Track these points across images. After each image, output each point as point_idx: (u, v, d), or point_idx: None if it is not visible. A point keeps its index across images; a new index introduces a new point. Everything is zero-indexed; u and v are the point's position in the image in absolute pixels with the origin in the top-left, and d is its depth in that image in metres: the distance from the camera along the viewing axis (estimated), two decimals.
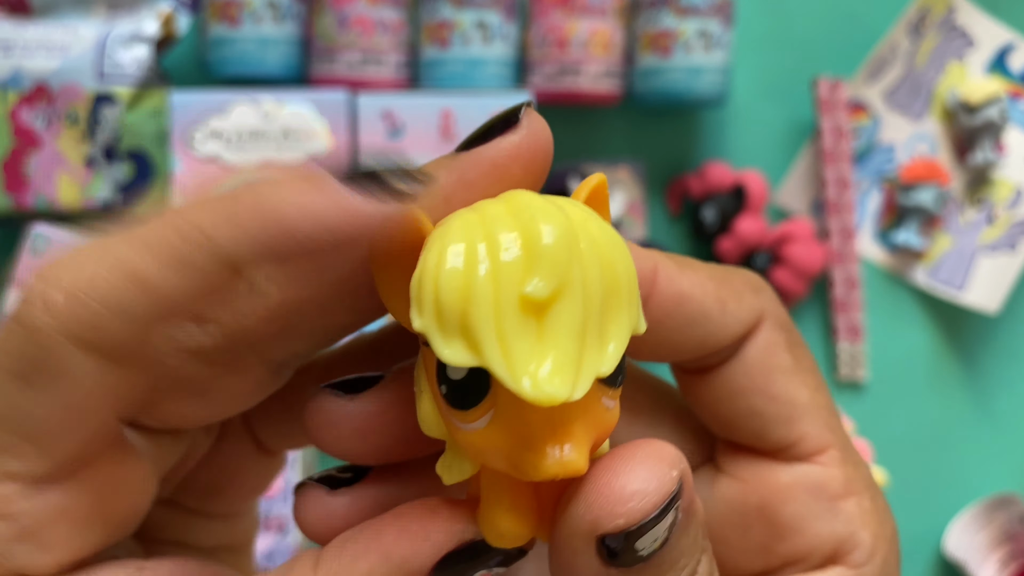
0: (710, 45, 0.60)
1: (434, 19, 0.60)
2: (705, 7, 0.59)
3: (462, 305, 0.13)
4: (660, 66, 0.60)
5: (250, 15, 0.59)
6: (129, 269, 0.14)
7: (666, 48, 0.60)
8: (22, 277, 0.59)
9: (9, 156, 0.60)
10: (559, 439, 0.13)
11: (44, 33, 0.60)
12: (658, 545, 0.14)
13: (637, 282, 0.15)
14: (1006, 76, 0.68)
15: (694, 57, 0.60)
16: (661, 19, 0.60)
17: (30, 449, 0.15)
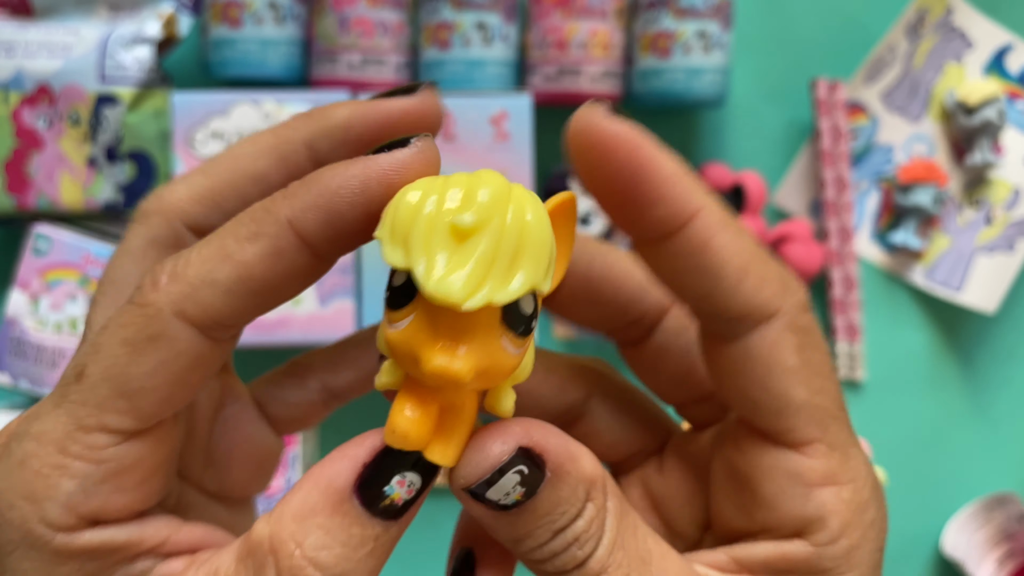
0: (709, 46, 0.60)
1: (434, 20, 0.60)
2: (704, 8, 0.60)
3: (407, 225, 0.17)
4: (659, 67, 0.60)
5: (251, 16, 0.59)
6: (222, 251, 0.18)
7: (665, 49, 0.60)
8: (25, 277, 0.59)
9: (11, 156, 0.60)
10: (451, 347, 0.17)
11: (46, 34, 0.60)
12: (518, 496, 0.18)
13: (552, 258, 0.18)
14: (1004, 77, 0.68)
15: (693, 58, 0.60)
16: (660, 20, 0.60)
17: (126, 406, 0.18)
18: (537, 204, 0.17)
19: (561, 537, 0.19)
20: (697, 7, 0.60)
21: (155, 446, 0.19)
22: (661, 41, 0.60)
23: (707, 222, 0.19)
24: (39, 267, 0.59)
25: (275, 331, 0.56)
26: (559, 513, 0.18)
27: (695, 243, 0.19)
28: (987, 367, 0.70)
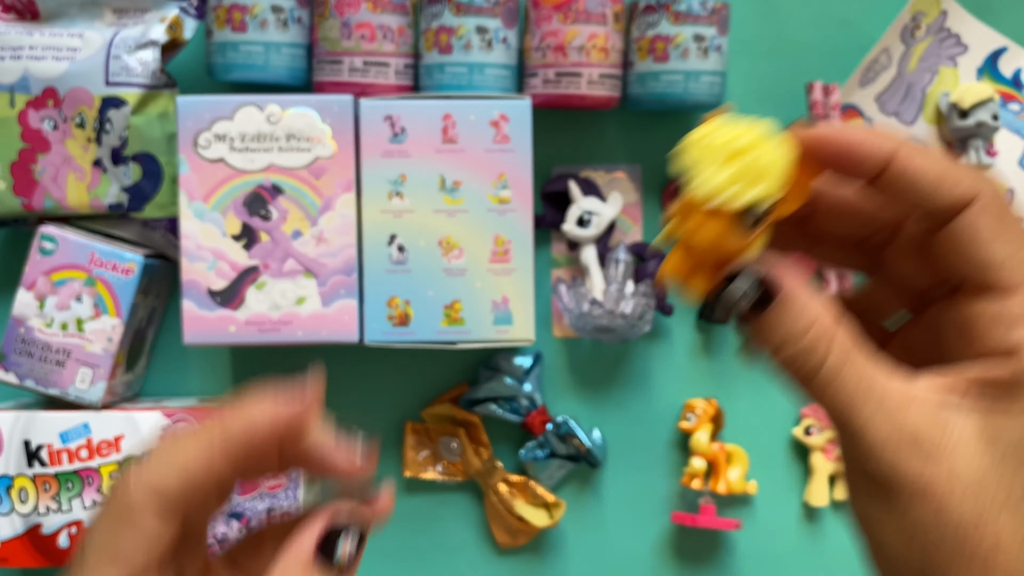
0: (706, 50, 0.61)
1: (435, 25, 0.61)
2: (701, 13, 0.60)
3: (699, 155, 0.27)
4: (657, 71, 0.61)
5: (255, 20, 0.60)
6: (178, 461, 0.28)
7: (663, 53, 0.61)
8: (31, 277, 0.60)
9: (18, 159, 0.61)
10: (699, 225, 0.28)
11: (52, 37, 0.61)
12: (746, 306, 0.28)
13: (783, 179, 0.27)
14: (997, 80, 0.69)
15: (690, 62, 0.61)
16: (658, 24, 0.61)
17: (113, 570, 0.27)
18: (784, 146, 0.27)
19: (789, 348, 0.27)
20: (694, 11, 0.60)
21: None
22: (659, 45, 0.61)
23: (904, 154, 0.27)
24: (45, 267, 0.60)
25: (280, 330, 0.57)
26: (785, 330, 0.27)
27: (898, 172, 0.27)
28: None
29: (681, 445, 0.69)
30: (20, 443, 0.60)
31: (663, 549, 0.69)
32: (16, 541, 0.60)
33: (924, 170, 0.27)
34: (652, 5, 0.61)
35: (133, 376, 0.65)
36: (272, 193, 0.57)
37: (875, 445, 0.26)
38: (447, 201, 0.58)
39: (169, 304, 0.67)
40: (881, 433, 0.26)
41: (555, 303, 0.67)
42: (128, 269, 0.60)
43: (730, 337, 0.68)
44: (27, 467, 0.60)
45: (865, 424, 0.26)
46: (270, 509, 0.60)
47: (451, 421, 0.67)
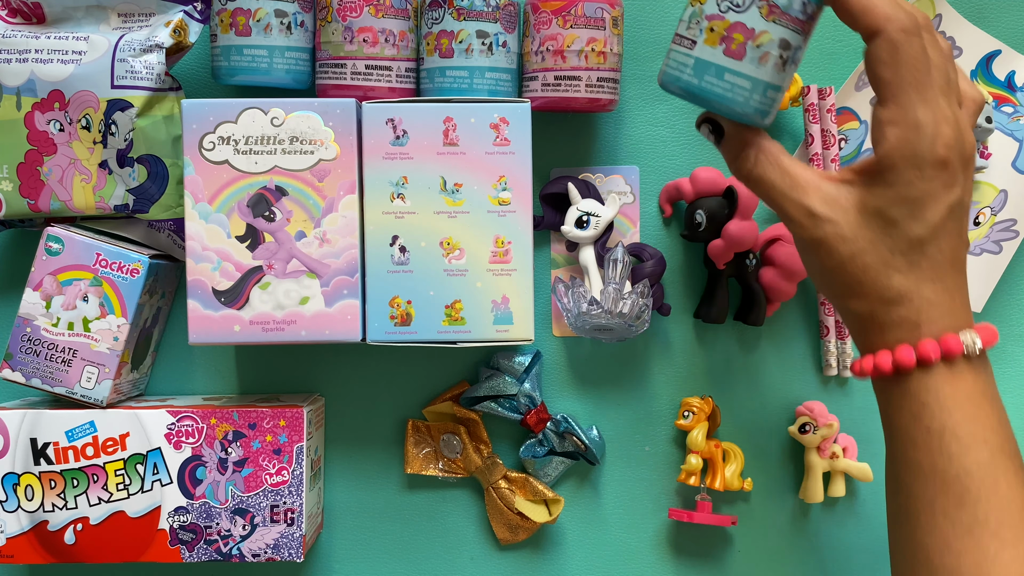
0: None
1: (436, 29, 0.61)
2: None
3: None
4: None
5: (259, 25, 0.60)
6: None
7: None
8: (38, 277, 0.60)
9: (25, 160, 0.62)
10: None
11: (59, 41, 0.61)
12: (711, 134, 0.48)
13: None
14: (991, 83, 0.69)
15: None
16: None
17: None
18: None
19: (735, 161, 0.46)
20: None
21: None
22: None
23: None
24: (52, 267, 0.60)
25: (284, 330, 0.58)
26: (730, 151, 0.46)
27: (843, 3, 0.42)
28: None
29: (678, 442, 0.69)
30: (27, 441, 0.60)
31: (660, 545, 0.69)
32: (22, 537, 0.61)
33: (857, 3, 0.41)
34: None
35: (139, 375, 0.65)
36: (276, 195, 0.58)
37: (790, 218, 0.44)
38: (448, 203, 0.59)
39: (175, 304, 0.68)
40: (792, 209, 0.44)
41: (554, 303, 0.68)
42: (134, 269, 0.60)
43: (725, 336, 0.69)
44: (33, 465, 0.61)
45: (782, 203, 0.44)
46: (274, 506, 0.60)
47: (452, 419, 0.68)
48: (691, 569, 0.69)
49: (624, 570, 0.69)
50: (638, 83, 0.68)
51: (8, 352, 0.61)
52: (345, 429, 0.69)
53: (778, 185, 0.44)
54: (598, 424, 0.68)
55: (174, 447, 0.61)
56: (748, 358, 0.69)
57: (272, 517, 0.61)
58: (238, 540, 0.61)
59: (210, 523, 0.61)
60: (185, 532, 0.61)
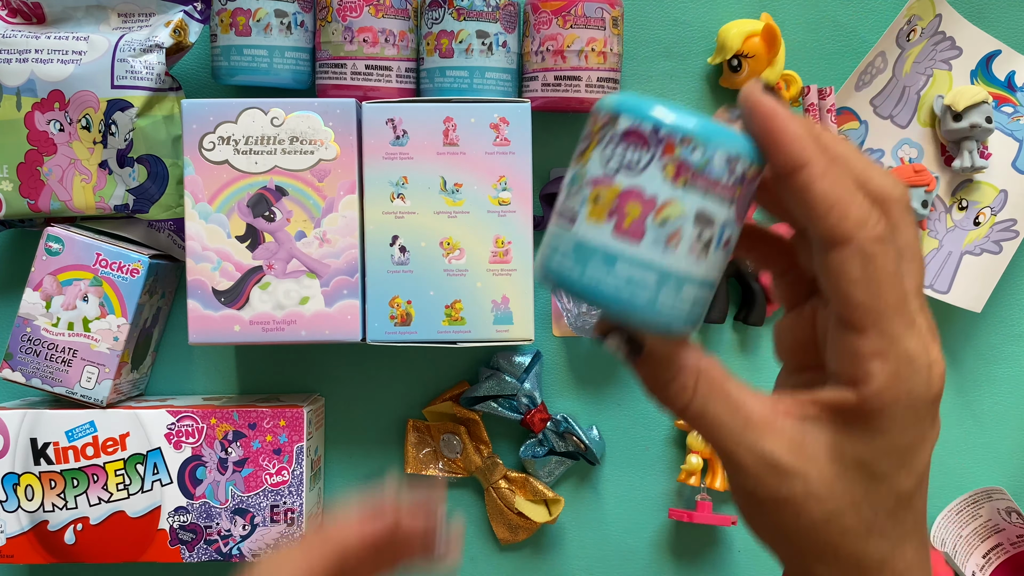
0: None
1: (436, 29, 0.61)
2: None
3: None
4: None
5: (259, 25, 0.60)
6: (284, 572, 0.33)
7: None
8: (38, 277, 0.60)
9: (25, 160, 0.62)
10: None
11: (59, 41, 0.61)
12: (622, 354, 0.31)
13: None
14: (991, 83, 0.69)
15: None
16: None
17: None
18: None
19: (660, 392, 0.31)
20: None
21: None
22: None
23: (812, 172, 0.28)
24: (52, 268, 0.60)
25: (284, 330, 0.58)
26: (654, 378, 0.31)
27: (800, 186, 0.28)
28: (974, 365, 0.71)
29: (678, 443, 0.69)
30: (27, 441, 0.60)
31: (660, 545, 0.69)
32: (22, 537, 0.61)
33: (823, 196, 0.28)
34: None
35: (139, 375, 0.65)
36: (276, 195, 0.58)
37: (742, 468, 0.31)
38: (448, 203, 0.59)
39: (174, 304, 0.68)
40: (747, 459, 0.31)
41: (554, 303, 0.68)
42: (134, 269, 0.60)
43: (726, 336, 0.69)
44: (33, 465, 0.61)
45: (734, 450, 0.31)
46: (274, 506, 0.60)
47: (452, 419, 0.68)
48: (691, 569, 0.69)
49: (624, 570, 0.69)
50: (638, 83, 0.68)
51: (8, 352, 0.61)
52: (345, 429, 0.69)
53: (727, 425, 0.31)
54: (598, 424, 0.68)
55: (174, 447, 0.61)
56: (748, 358, 0.69)
57: (272, 517, 0.61)
58: (238, 540, 0.61)
59: (210, 523, 0.61)
60: (185, 532, 0.61)
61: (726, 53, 0.65)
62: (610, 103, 0.29)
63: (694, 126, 0.28)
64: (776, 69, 0.65)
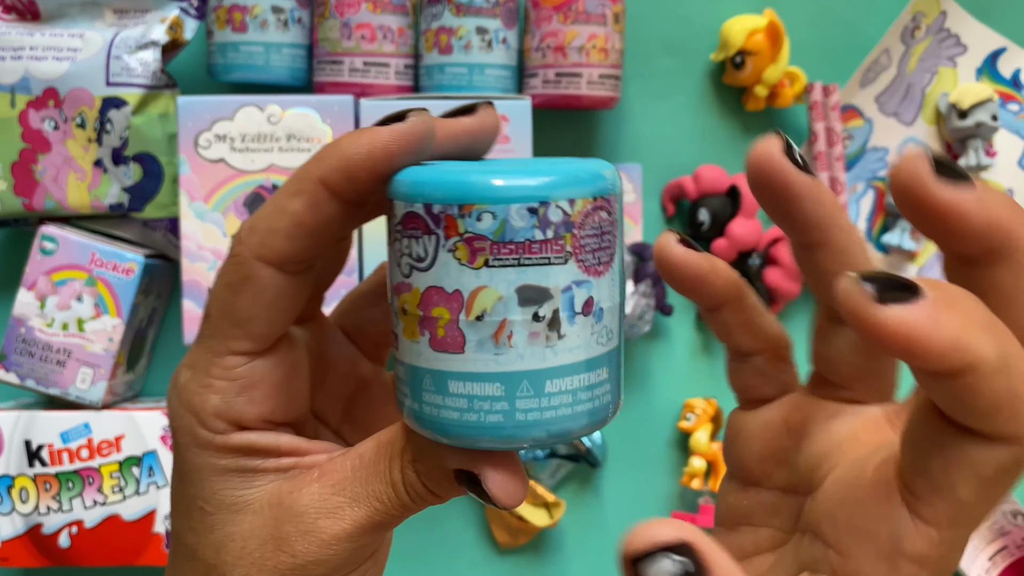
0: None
1: (435, 25, 0.61)
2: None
3: None
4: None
5: (255, 21, 0.60)
6: (278, 207, 0.24)
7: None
8: (32, 277, 0.60)
9: (19, 159, 0.61)
10: None
11: (53, 38, 0.61)
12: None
13: None
14: (996, 80, 0.69)
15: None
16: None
17: (240, 332, 0.24)
18: None
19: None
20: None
21: (273, 367, 0.25)
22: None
23: (981, 372, 0.19)
24: (46, 267, 0.60)
25: None
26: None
27: (964, 387, 0.19)
28: None
29: (681, 445, 0.69)
30: (21, 443, 0.60)
31: None
32: (17, 541, 0.60)
33: (990, 396, 0.19)
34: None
35: (134, 376, 0.65)
36: (273, 193, 0.57)
37: None
38: None
39: (170, 304, 0.67)
40: None
41: None
42: (129, 269, 0.60)
43: None
44: (28, 467, 0.60)
45: None
46: None
47: None
48: None
49: None
50: (640, 80, 0.67)
51: (2, 353, 0.60)
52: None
53: None
54: None
55: (170, 449, 0.60)
56: None
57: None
58: None
59: None
60: None
61: (729, 50, 0.64)
62: (391, 186, 0.23)
63: (468, 187, 0.21)
64: (780, 66, 0.64)
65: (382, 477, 0.25)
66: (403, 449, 0.25)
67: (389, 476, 0.25)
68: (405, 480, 0.24)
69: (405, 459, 0.24)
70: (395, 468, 0.25)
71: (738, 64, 0.64)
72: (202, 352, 0.25)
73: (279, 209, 0.24)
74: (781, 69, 0.65)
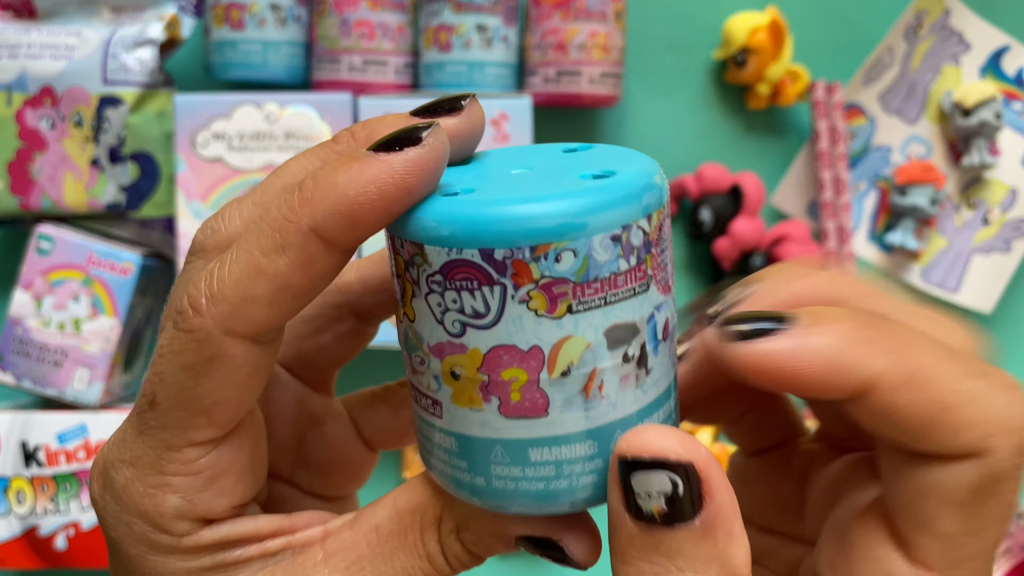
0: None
1: (435, 23, 0.60)
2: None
3: None
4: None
5: (253, 19, 0.59)
6: (253, 267, 0.18)
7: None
8: (28, 277, 0.59)
9: (15, 158, 0.61)
10: None
11: (49, 36, 0.60)
12: (655, 509, 0.18)
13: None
14: (1000, 79, 0.69)
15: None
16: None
17: (204, 421, 0.19)
18: None
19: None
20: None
21: (239, 449, 0.21)
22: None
23: (884, 388, 0.18)
24: (42, 267, 0.59)
25: None
26: (679, 565, 0.18)
27: (876, 409, 0.18)
28: None
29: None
30: (17, 444, 0.59)
31: None
32: (13, 543, 0.60)
33: (912, 413, 0.18)
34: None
35: (131, 377, 0.64)
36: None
37: None
38: None
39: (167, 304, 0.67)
40: None
41: None
42: (126, 269, 0.59)
43: None
44: (24, 468, 0.60)
45: None
46: None
47: None
48: None
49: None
50: (641, 78, 0.67)
51: None
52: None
53: None
54: None
55: None
56: None
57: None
58: None
59: None
60: None
61: (731, 47, 0.64)
62: (400, 223, 0.19)
63: (541, 222, 0.17)
64: (782, 64, 0.64)
65: (412, 551, 0.21)
66: (439, 517, 0.21)
67: (423, 549, 0.21)
68: (447, 552, 0.21)
69: (445, 528, 0.21)
70: (431, 540, 0.21)
71: (740, 62, 0.64)
72: (148, 446, 0.20)
73: (254, 269, 0.18)
74: (783, 67, 0.64)
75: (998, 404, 0.18)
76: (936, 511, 0.18)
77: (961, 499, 0.18)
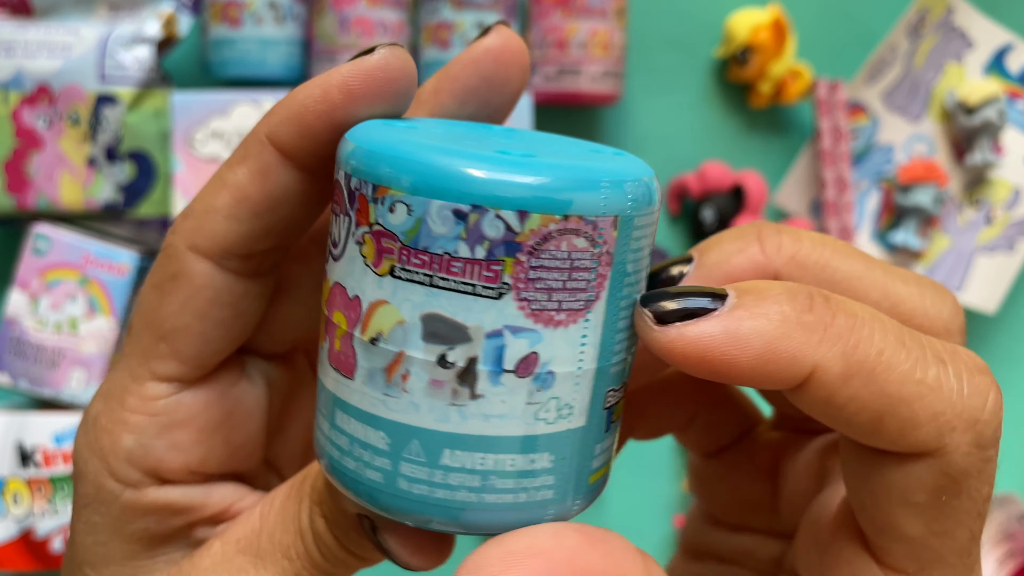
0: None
1: (434, 20, 0.60)
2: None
3: None
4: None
5: (251, 16, 0.59)
6: (218, 180, 0.18)
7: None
8: (24, 277, 0.59)
9: (11, 156, 0.60)
10: None
11: (46, 34, 0.60)
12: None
13: None
14: (1004, 77, 0.68)
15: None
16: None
17: (166, 350, 0.19)
18: None
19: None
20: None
21: (207, 403, 0.19)
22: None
23: (826, 380, 0.16)
24: (39, 267, 0.59)
25: None
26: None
27: (818, 404, 0.16)
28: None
29: (682, 449, 0.68)
30: (14, 445, 0.59)
31: (666, 553, 0.68)
32: (10, 545, 0.60)
33: (858, 407, 0.16)
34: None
35: None
36: None
37: None
38: None
39: None
40: None
41: None
42: (122, 269, 0.59)
43: None
44: (21, 470, 0.59)
45: None
46: None
47: None
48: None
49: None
50: (642, 76, 0.67)
51: None
52: None
53: None
54: None
55: None
56: None
57: None
58: None
59: None
60: None
61: (733, 45, 0.63)
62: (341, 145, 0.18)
63: (387, 161, 0.16)
64: (784, 62, 0.63)
65: (291, 524, 0.19)
66: (313, 486, 0.19)
67: (298, 523, 0.19)
68: (314, 528, 0.18)
69: (313, 500, 0.18)
70: (304, 512, 0.19)
71: (742, 60, 0.64)
72: (118, 377, 0.19)
73: (218, 183, 0.18)
74: (786, 65, 0.64)
75: (956, 394, 0.16)
76: (897, 513, 0.16)
77: (921, 501, 0.16)
